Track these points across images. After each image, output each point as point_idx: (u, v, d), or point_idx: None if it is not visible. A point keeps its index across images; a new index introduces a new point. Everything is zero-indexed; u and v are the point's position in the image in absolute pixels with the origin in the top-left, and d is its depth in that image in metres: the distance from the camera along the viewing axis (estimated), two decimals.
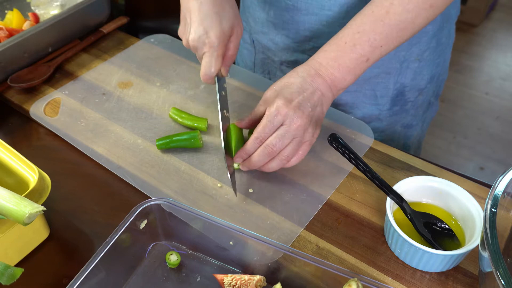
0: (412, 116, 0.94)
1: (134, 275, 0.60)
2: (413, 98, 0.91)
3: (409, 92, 0.89)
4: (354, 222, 0.66)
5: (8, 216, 0.54)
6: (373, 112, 0.91)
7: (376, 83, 0.87)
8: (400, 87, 0.88)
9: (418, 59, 0.86)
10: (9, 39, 0.86)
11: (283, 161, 0.67)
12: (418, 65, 0.86)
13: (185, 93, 0.88)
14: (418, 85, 0.89)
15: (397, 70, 0.86)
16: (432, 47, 0.86)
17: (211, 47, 0.69)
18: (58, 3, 1.03)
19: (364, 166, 0.63)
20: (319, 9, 0.80)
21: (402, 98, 0.90)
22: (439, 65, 0.91)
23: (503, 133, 2.19)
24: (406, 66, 0.86)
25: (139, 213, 0.59)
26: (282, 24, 0.86)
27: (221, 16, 0.69)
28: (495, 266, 0.44)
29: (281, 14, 0.85)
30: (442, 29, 0.85)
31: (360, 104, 0.90)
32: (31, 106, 0.85)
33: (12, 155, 0.65)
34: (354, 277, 0.53)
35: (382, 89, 0.88)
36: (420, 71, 0.88)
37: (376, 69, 0.85)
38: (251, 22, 0.94)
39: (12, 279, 0.53)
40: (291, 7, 0.82)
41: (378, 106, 0.90)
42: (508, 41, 2.76)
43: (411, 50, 0.84)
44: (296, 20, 0.83)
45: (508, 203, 0.52)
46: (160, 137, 0.77)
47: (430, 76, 0.90)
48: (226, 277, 0.58)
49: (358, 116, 0.90)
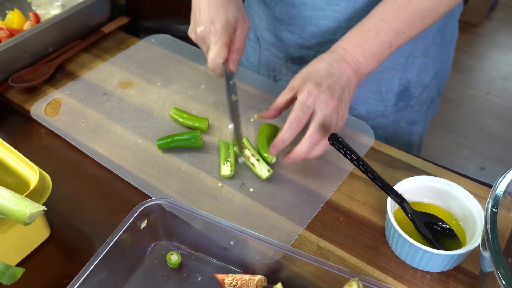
0: (416, 112, 0.94)
1: (134, 275, 0.60)
2: (417, 94, 0.91)
3: (414, 88, 0.90)
4: (355, 222, 0.66)
5: (9, 216, 0.54)
6: (378, 108, 0.91)
7: (381, 79, 0.87)
8: (405, 82, 0.88)
9: (423, 54, 0.86)
10: (10, 39, 0.86)
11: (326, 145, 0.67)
12: (423, 61, 0.87)
13: (186, 93, 0.88)
14: (423, 81, 0.90)
15: (402, 65, 0.86)
16: (437, 42, 0.86)
17: (216, 34, 0.69)
18: (59, 3, 1.04)
19: (365, 166, 0.63)
20: (326, 4, 0.80)
21: (407, 94, 0.90)
22: (443, 61, 0.91)
23: (504, 133, 2.19)
24: (411, 62, 0.86)
25: (139, 213, 0.59)
26: (288, 19, 0.86)
27: (226, 8, 0.71)
28: (496, 266, 0.44)
29: (287, 9, 0.84)
30: (447, 24, 0.86)
31: (365, 100, 0.90)
32: (32, 106, 0.85)
33: (13, 155, 0.65)
34: (354, 277, 0.53)
35: (387, 85, 0.88)
36: (425, 67, 0.88)
37: (382, 65, 0.85)
38: (256, 19, 0.93)
39: (13, 279, 0.53)
40: (298, 2, 0.82)
41: (383, 102, 0.90)
42: (508, 41, 2.76)
43: (417, 45, 0.84)
44: (302, 15, 0.83)
45: (509, 203, 0.52)
46: (161, 137, 0.77)
47: (435, 72, 0.90)
48: (227, 277, 0.58)
49: (363, 112, 0.90)
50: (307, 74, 0.67)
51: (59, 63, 0.94)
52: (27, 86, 0.88)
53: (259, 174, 0.71)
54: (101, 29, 1.02)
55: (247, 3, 0.96)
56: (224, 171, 0.72)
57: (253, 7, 0.93)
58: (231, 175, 0.71)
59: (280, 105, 0.69)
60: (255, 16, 0.93)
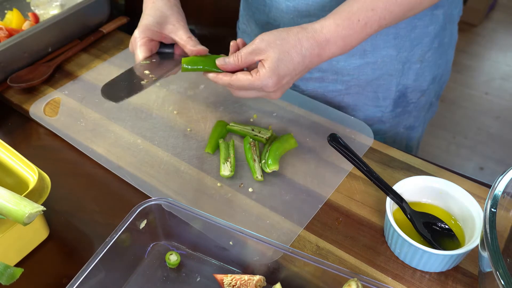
0: (414, 117, 0.94)
1: (134, 275, 0.60)
2: (415, 99, 0.91)
3: (411, 93, 0.89)
4: (354, 222, 0.66)
5: (8, 216, 0.54)
6: (376, 114, 0.91)
7: (378, 85, 0.87)
8: (402, 88, 0.88)
9: (420, 60, 0.85)
10: (9, 39, 0.86)
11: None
12: (420, 66, 0.86)
13: (185, 93, 0.88)
14: (420, 86, 0.89)
15: (399, 71, 0.86)
16: (434, 47, 0.85)
17: (135, 40, 0.75)
18: (57, 3, 1.03)
19: (364, 166, 0.63)
20: (319, 11, 0.80)
21: (405, 99, 0.90)
22: (441, 66, 0.90)
23: (503, 133, 2.19)
24: (408, 67, 0.86)
25: (139, 213, 0.59)
26: (283, 26, 0.85)
27: (146, 15, 0.76)
28: (495, 266, 0.44)
29: (281, 16, 0.84)
30: (444, 29, 0.85)
31: (363, 107, 0.90)
32: (31, 106, 0.85)
33: (12, 155, 0.65)
34: (354, 277, 0.53)
35: (384, 91, 0.88)
36: (422, 72, 0.87)
37: (379, 71, 0.85)
38: (252, 26, 0.93)
39: (12, 279, 0.53)
40: (292, 8, 0.82)
41: (381, 108, 0.90)
42: (508, 41, 2.76)
43: (413, 51, 0.84)
44: (298, 22, 0.83)
45: (508, 203, 0.52)
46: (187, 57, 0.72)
47: (432, 77, 0.90)
48: (226, 277, 0.58)
49: (360, 119, 0.90)
50: (277, 57, 0.63)
51: (58, 63, 0.94)
52: (26, 86, 0.88)
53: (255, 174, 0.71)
54: (100, 29, 1.02)
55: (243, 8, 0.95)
56: (223, 171, 0.72)
57: (248, 13, 0.92)
58: (231, 175, 0.71)
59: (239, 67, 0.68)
60: (251, 22, 0.93)
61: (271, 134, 0.77)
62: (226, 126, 0.79)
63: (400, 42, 0.82)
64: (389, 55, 0.83)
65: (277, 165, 0.71)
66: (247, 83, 0.65)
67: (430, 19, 0.81)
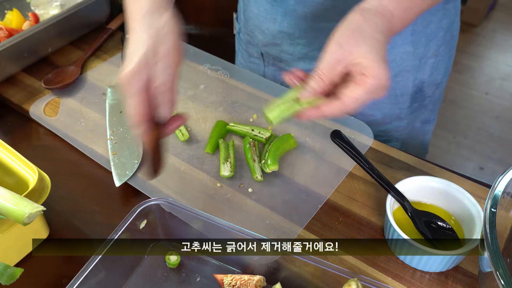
0: (430, 111, 0.95)
1: (134, 275, 0.60)
2: (430, 93, 0.92)
3: (427, 87, 0.90)
4: (354, 222, 0.66)
5: (8, 216, 0.54)
6: (394, 112, 0.91)
7: (396, 82, 0.87)
8: (419, 83, 0.89)
9: (435, 54, 0.86)
10: (9, 39, 0.86)
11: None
12: (435, 60, 0.87)
13: (185, 93, 0.88)
14: (435, 80, 0.90)
15: (415, 67, 0.86)
16: (447, 40, 0.87)
17: None
18: (57, 3, 1.03)
19: (366, 163, 0.63)
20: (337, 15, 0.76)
21: (421, 94, 0.90)
22: (451, 58, 0.92)
23: (503, 133, 2.19)
24: (424, 62, 0.86)
25: (138, 213, 0.59)
26: (299, 33, 0.83)
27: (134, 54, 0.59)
28: (495, 266, 0.44)
29: (296, 23, 0.82)
30: (453, 22, 0.87)
31: (381, 105, 0.90)
32: (31, 106, 0.85)
33: (12, 155, 0.64)
34: (353, 277, 0.53)
35: (402, 88, 0.88)
36: (437, 66, 0.88)
37: (397, 68, 0.85)
38: (258, 35, 0.90)
39: (12, 279, 0.53)
40: (309, 15, 0.79)
41: (399, 105, 0.90)
42: (507, 41, 2.76)
43: (429, 45, 0.85)
44: (316, 27, 0.81)
45: (507, 203, 0.52)
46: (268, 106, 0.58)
47: (445, 70, 0.91)
48: (226, 277, 0.58)
49: (378, 118, 0.90)
50: (369, 47, 0.54)
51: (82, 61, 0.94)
52: (62, 87, 0.88)
53: (254, 174, 0.71)
54: (108, 27, 1.02)
55: (244, 18, 0.93)
56: (223, 171, 0.71)
57: (253, 23, 0.90)
58: (231, 175, 0.71)
59: (326, 88, 0.56)
60: (256, 32, 0.90)
61: (271, 134, 0.77)
62: (226, 126, 0.79)
63: (416, 38, 0.83)
64: (406, 52, 0.84)
65: (277, 165, 0.71)
66: (362, 92, 0.53)
67: (443, 13, 0.83)
